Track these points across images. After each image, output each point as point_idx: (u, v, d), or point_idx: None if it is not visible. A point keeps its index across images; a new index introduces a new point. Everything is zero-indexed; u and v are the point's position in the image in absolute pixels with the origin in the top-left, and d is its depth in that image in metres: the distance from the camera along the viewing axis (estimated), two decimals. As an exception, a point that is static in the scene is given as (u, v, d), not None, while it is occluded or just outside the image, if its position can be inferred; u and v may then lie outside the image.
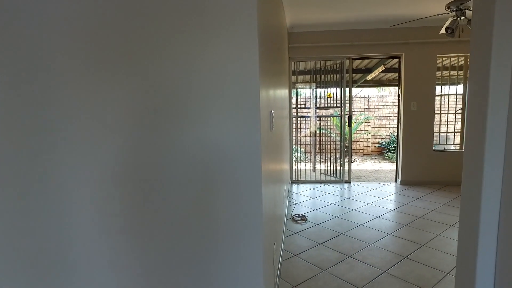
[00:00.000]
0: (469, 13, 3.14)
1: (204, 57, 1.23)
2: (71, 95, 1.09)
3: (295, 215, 3.70)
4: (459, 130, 5.08)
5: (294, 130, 5.37)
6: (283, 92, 3.51)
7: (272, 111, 1.82)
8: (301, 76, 6.71)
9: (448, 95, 5.07)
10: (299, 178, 5.44)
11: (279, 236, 2.62)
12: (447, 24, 3.22)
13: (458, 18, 3.12)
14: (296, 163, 5.47)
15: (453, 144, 5.16)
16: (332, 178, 5.40)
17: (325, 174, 5.51)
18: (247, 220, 1.33)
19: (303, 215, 3.69)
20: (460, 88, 5.14)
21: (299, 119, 5.46)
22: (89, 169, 1.14)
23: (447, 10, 3.15)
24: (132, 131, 1.20)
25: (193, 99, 1.25)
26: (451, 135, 5.19)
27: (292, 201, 4.27)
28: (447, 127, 5.12)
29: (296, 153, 5.69)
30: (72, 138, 1.10)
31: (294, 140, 5.41)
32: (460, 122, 5.08)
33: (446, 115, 5.12)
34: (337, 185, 5.15)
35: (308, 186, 5.16)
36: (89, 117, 1.12)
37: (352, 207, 4.00)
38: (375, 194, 4.60)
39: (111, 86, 1.15)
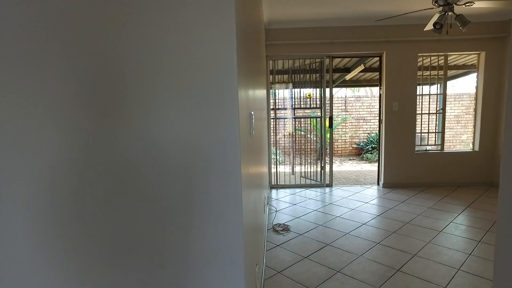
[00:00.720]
0: (457, 8, 2.98)
1: (173, 51, 0.93)
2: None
3: (276, 224, 3.42)
4: (440, 131, 4.99)
5: (272, 131, 5.11)
6: (262, 93, 3.24)
7: (252, 112, 1.54)
8: (279, 76, 6.47)
9: (429, 95, 4.97)
10: (278, 183, 5.17)
11: (261, 252, 2.33)
12: (434, 19, 3.06)
13: (446, 13, 2.96)
14: (275, 166, 5.21)
15: (435, 144, 5.07)
16: (313, 182, 5.17)
17: (305, 178, 5.28)
18: (225, 244, 1.03)
19: (285, 225, 3.42)
20: (437, 88, 5.06)
21: (277, 120, 5.20)
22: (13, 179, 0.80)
23: (434, 5, 2.98)
24: (73, 131, 0.87)
25: (158, 96, 0.94)
26: (429, 135, 5.09)
27: (272, 209, 4.00)
28: (428, 127, 5.02)
29: (274, 156, 5.43)
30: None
31: (272, 142, 5.15)
32: (441, 123, 4.99)
33: (427, 115, 5.01)
34: (318, 189, 4.92)
35: (288, 191, 4.90)
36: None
37: (336, 214, 3.77)
38: (359, 198, 4.40)
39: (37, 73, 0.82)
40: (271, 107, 5.07)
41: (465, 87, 11.70)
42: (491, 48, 4.63)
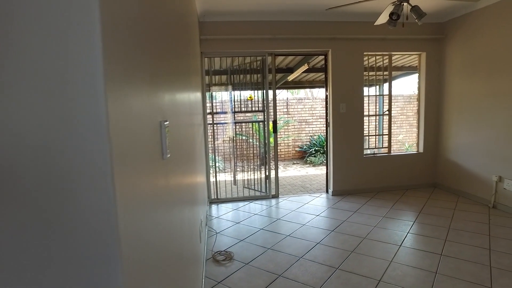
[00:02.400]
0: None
1: None
2: None
3: (216, 252, 2.82)
4: (387, 133, 4.82)
5: (210, 138, 4.49)
6: (194, 96, 2.66)
7: (166, 122, 0.99)
8: (217, 77, 5.88)
9: (376, 96, 4.77)
10: (219, 196, 4.56)
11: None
12: (389, 10, 2.73)
13: (401, 4, 2.64)
14: (214, 177, 4.59)
15: (382, 147, 4.88)
16: (258, 193, 4.65)
17: (249, 189, 4.73)
18: None
19: (227, 252, 2.83)
20: (381, 89, 4.91)
21: (215, 125, 4.60)
22: None
23: (388, -7, 2.65)
24: None
25: None
26: (376, 138, 4.90)
27: (212, 231, 3.38)
28: (376, 130, 4.82)
29: (213, 165, 4.82)
30: None
31: (210, 149, 4.54)
32: (387, 124, 4.82)
33: (372, 117, 4.80)
34: (264, 202, 4.41)
35: (230, 206, 4.32)
36: None
37: (286, 232, 3.28)
38: (309, 210, 3.98)
39: None
40: (209, 111, 4.45)
41: (399, 89, 12.24)
42: (431, 49, 4.57)
